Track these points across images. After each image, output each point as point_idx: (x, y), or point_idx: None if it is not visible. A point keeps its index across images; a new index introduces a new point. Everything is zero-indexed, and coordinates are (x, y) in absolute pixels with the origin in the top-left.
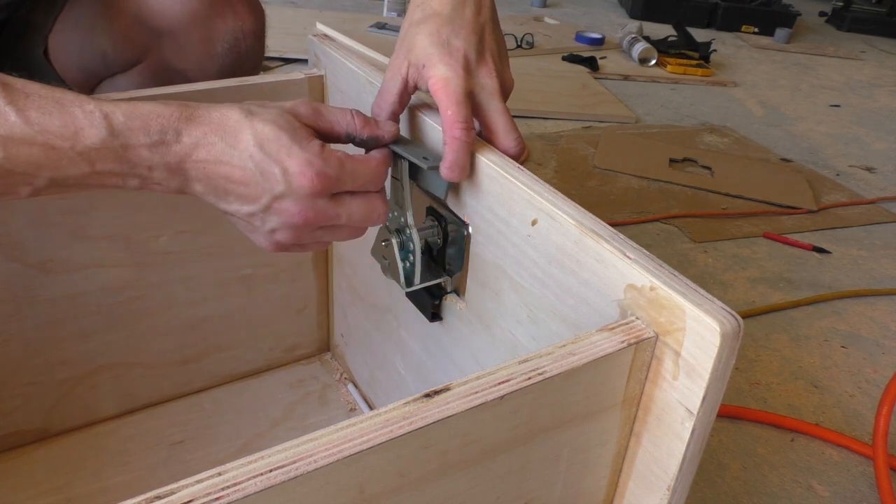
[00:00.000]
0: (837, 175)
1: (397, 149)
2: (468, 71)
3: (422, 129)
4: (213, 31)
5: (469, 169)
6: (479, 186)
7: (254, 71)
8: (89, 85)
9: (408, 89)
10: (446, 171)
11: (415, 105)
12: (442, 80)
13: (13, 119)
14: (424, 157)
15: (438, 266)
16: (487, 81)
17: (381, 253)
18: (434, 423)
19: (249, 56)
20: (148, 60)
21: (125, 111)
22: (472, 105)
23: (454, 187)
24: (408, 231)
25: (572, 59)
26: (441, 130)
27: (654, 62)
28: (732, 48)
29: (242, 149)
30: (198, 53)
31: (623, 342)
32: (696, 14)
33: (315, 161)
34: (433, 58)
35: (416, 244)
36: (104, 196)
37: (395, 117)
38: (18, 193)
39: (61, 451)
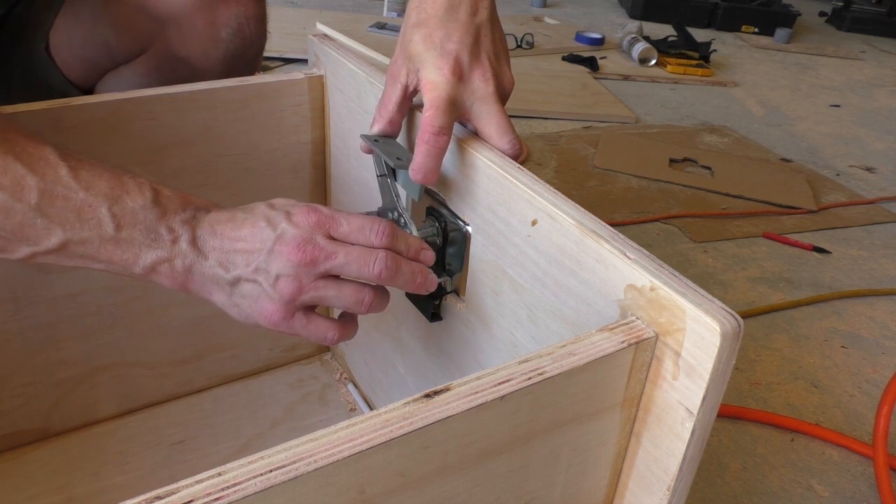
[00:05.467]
0: (837, 175)
1: (375, 147)
2: (459, 75)
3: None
4: (216, 17)
5: (437, 174)
6: (478, 186)
7: (257, 57)
8: (92, 79)
9: (407, 95)
10: (412, 172)
11: (415, 106)
12: (430, 83)
13: (63, 172)
14: (398, 158)
15: (438, 266)
16: (480, 85)
17: None
18: (434, 423)
19: (253, 41)
20: (152, 49)
21: (171, 189)
22: (463, 110)
23: (453, 188)
24: (402, 222)
25: (572, 59)
26: None
27: (654, 62)
28: (732, 48)
29: (257, 213)
30: (202, 39)
31: (623, 342)
32: (696, 14)
33: (315, 205)
34: (426, 62)
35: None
36: None
37: (395, 125)
38: (14, 252)
39: (61, 451)
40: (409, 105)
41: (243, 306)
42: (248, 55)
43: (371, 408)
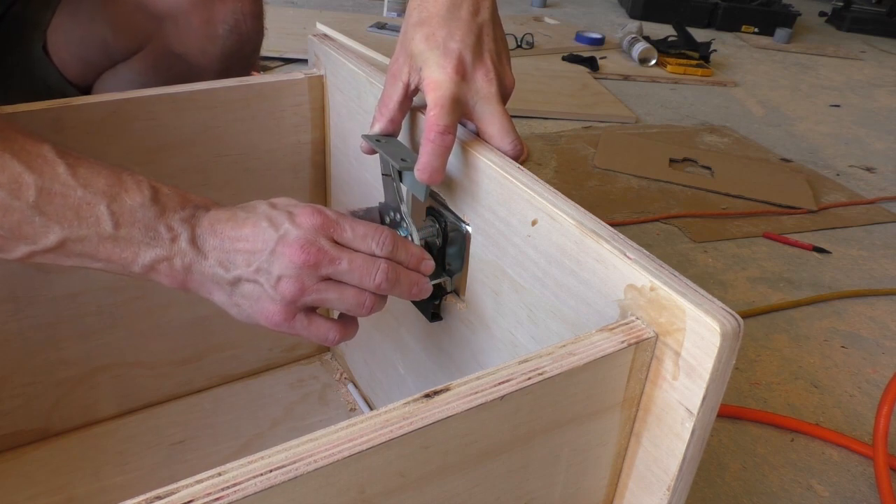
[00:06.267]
0: (837, 175)
1: (378, 148)
2: (462, 74)
3: (422, 130)
4: (213, 13)
5: (443, 173)
6: (479, 186)
7: (254, 53)
8: (90, 78)
9: (408, 94)
10: (418, 172)
11: (417, 106)
12: (433, 82)
13: (61, 170)
14: (403, 159)
15: (438, 266)
16: (483, 85)
17: None
18: (434, 423)
19: (250, 37)
20: (149, 47)
21: (170, 187)
22: (467, 109)
23: (453, 188)
24: (405, 225)
25: (572, 59)
26: None
27: (654, 62)
28: (732, 48)
29: (258, 212)
30: (199, 36)
31: (623, 342)
32: (696, 14)
33: (318, 206)
34: (429, 61)
35: (416, 244)
36: None
37: (396, 124)
38: (13, 251)
39: (61, 451)
40: (410, 104)
41: (244, 306)
42: (244, 51)
43: (371, 408)
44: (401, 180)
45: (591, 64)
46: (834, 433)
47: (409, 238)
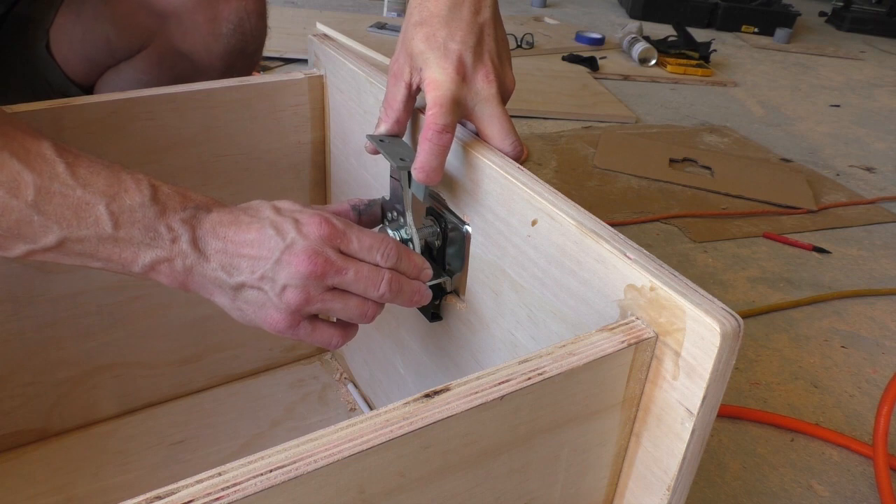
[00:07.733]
0: (837, 175)
1: (381, 148)
2: (463, 75)
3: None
4: (217, 12)
5: (440, 173)
6: (479, 186)
7: (257, 52)
8: (93, 76)
9: (411, 94)
10: (415, 172)
11: (417, 107)
12: (434, 82)
13: (60, 169)
14: (402, 158)
15: (438, 266)
16: (483, 86)
17: None
18: (434, 423)
19: (254, 36)
20: (153, 45)
21: (170, 186)
22: (467, 110)
23: (453, 188)
24: (408, 231)
25: (572, 59)
26: None
27: (654, 62)
28: (732, 48)
29: (262, 216)
30: (203, 35)
31: (623, 342)
32: (696, 14)
33: (325, 213)
34: (430, 61)
35: (417, 245)
36: None
37: (402, 124)
38: (12, 250)
39: (61, 451)
40: (414, 103)
41: (247, 311)
42: (248, 50)
43: (371, 408)
44: (409, 185)
45: (591, 64)
46: (834, 433)
47: (410, 238)
